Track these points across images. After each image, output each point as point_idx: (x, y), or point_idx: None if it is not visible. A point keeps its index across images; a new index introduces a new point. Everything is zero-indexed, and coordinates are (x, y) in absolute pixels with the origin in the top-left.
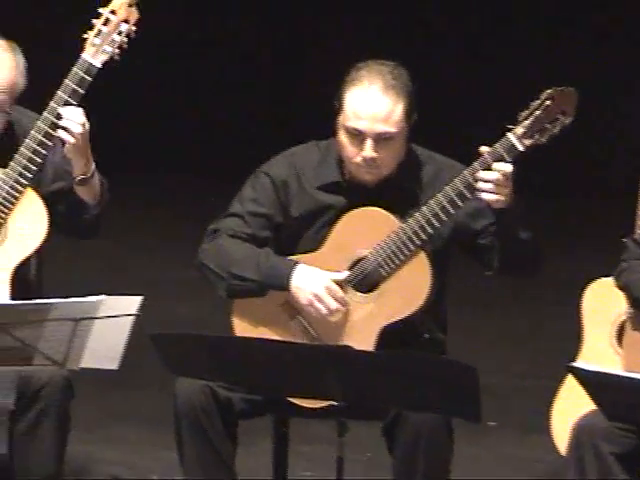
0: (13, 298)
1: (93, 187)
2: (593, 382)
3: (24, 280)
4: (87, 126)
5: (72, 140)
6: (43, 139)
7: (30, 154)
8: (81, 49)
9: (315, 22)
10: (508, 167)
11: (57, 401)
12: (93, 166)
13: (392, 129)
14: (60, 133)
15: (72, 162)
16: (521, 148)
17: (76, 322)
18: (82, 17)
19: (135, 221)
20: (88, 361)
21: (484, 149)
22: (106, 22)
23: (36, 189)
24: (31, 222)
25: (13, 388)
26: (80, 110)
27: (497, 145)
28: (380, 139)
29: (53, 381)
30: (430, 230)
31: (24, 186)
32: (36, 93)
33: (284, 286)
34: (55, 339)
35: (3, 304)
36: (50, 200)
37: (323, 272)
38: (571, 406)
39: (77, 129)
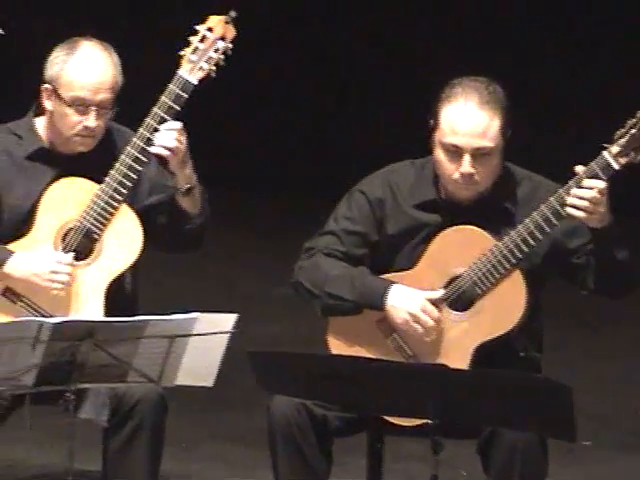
0: (108, 314)
1: (196, 198)
2: None
3: (119, 296)
4: (184, 140)
5: (168, 154)
6: (139, 155)
7: (125, 170)
8: (177, 66)
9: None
10: (601, 183)
11: (151, 418)
12: (195, 177)
13: (489, 144)
14: (156, 149)
15: (175, 175)
16: (616, 166)
17: (172, 339)
18: (180, 34)
19: (230, 236)
20: (183, 378)
21: (579, 168)
22: (203, 39)
23: (131, 205)
24: (126, 238)
25: (107, 405)
26: (178, 125)
27: (592, 164)
28: (477, 154)
29: (147, 398)
30: (526, 249)
31: (119, 202)
32: (131, 108)
33: (379, 306)
34: (150, 356)
35: (99, 321)
36: (147, 214)
37: (418, 291)
38: None
39: (172, 144)
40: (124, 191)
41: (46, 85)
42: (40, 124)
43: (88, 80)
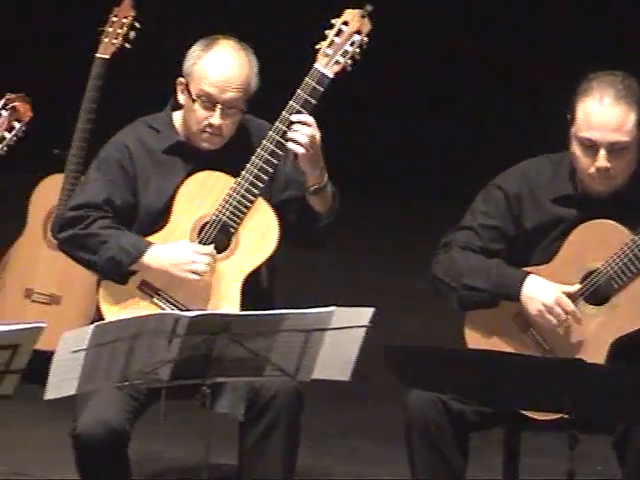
0: (244, 308)
1: (326, 197)
2: None
3: (255, 290)
4: (318, 136)
5: (300, 150)
6: (275, 149)
7: (262, 164)
8: (313, 59)
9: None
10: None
11: (287, 412)
12: (326, 176)
13: (625, 138)
14: (289, 144)
15: (305, 172)
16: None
17: (308, 333)
18: (313, 28)
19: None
20: (319, 372)
21: None
22: (338, 33)
23: (267, 199)
24: (262, 232)
25: (243, 399)
26: (310, 120)
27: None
28: (613, 149)
29: (284, 392)
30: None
31: (255, 195)
32: (268, 102)
33: (515, 296)
34: (287, 350)
35: (235, 315)
36: (281, 209)
37: (554, 284)
38: None
39: (303, 139)
40: (260, 185)
41: (181, 78)
42: (177, 118)
43: (216, 77)
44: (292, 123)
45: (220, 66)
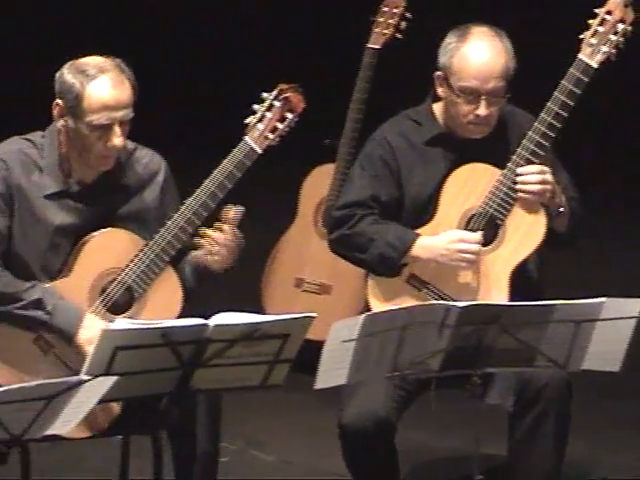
0: (513, 299)
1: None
2: None
3: (523, 281)
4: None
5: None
6: (541, 140)
7: (528, 155)
8: (577, 50)
9: None
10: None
11: (557, 403)
12: (563, 200)
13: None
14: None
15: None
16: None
17: (578, 324)
18: (578, 17)
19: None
20: (589, 363)
21: None
22: (602, 22)
23: None
24: (529, 224)
25: (512, 390)
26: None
27: None
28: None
29: (553, 383)
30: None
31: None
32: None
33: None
34: (556, 341)
35: (505, 305)
36: None
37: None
38: None
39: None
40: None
41: (438, 72)
42: (438, 109)
43: (477, 69)
44: (557, 114)
45: (479, 58)
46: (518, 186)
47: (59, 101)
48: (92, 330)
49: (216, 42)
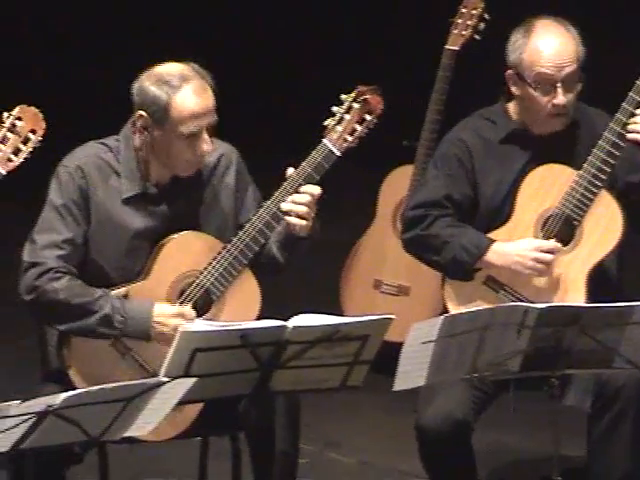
0: (590, 300)
1: None
2: None
3: (602, 282)
4: None
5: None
6: (617, 140)
7: (604, 156)
8: None
9: None
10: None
11: (635, 404)
12: None
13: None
14: (629, 135)
15: None
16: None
17: None
18: None
19: None
20: None
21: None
22: None
23: (610, 189)
24: (606, 224)
25: (590, 391)
26: None
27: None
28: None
29: (631, 382)
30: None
31: (598, 188)
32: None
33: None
34: (635, 342)
35: (584, 306)
36: (625, 191)
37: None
38: None
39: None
40: (603, 177)
41: (509, 71)
42: (511, 108)
43: (549, 57)
44: (633, 115)
45: (549, 46)
46: (630, 126)
47: (142, 112)
48: (165, 323)
49: (296, 44)
